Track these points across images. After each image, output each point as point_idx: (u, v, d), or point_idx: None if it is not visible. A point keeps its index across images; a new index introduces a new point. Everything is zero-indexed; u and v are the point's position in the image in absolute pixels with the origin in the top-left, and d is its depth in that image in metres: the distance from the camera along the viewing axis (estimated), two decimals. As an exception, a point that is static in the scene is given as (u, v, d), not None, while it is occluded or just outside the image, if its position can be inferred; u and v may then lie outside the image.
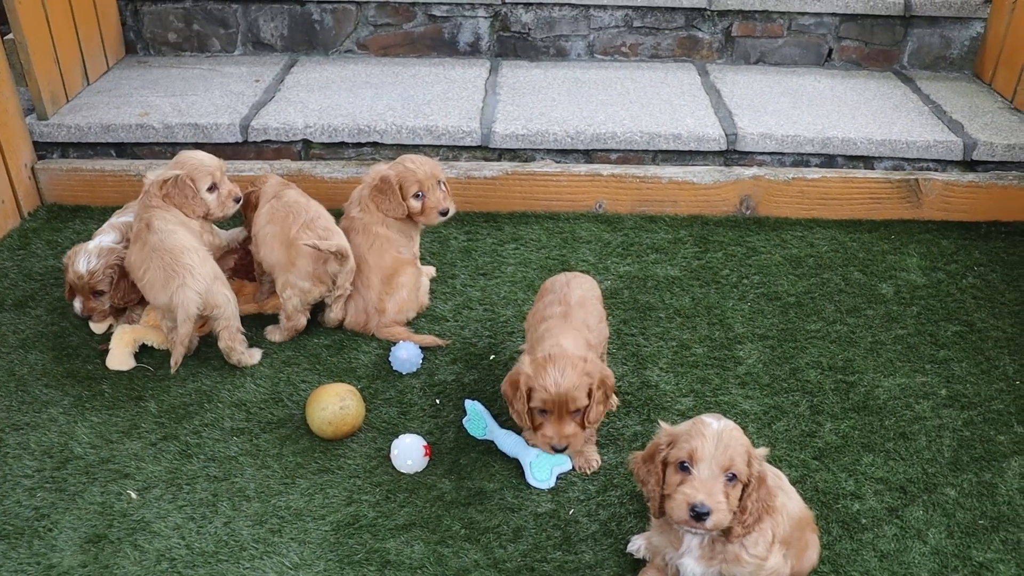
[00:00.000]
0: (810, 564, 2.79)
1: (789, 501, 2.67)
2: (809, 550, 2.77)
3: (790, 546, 2.65)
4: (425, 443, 3.25)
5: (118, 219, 4.01)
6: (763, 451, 2.54)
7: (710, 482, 2.41)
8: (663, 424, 2.60)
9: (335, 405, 3.32)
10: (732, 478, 2.43)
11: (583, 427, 3.06)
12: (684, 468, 2.45)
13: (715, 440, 2.42)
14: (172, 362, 3.57)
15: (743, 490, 2.45)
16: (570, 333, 3.15)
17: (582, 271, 4.25)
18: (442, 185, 3.93)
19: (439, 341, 3.83)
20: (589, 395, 3.00)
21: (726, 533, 2.49)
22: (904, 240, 4.69)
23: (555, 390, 2.95)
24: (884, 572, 2.90)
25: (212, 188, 3.81)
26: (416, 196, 3.86)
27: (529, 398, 3.01)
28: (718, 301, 4.17)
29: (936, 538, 3.03)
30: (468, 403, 3.42)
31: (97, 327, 3.88)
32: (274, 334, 3.88)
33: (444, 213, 3.90)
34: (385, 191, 3.84)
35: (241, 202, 3.92)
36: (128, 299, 3.84)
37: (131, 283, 3.80)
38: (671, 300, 4.16)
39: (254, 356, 3.74)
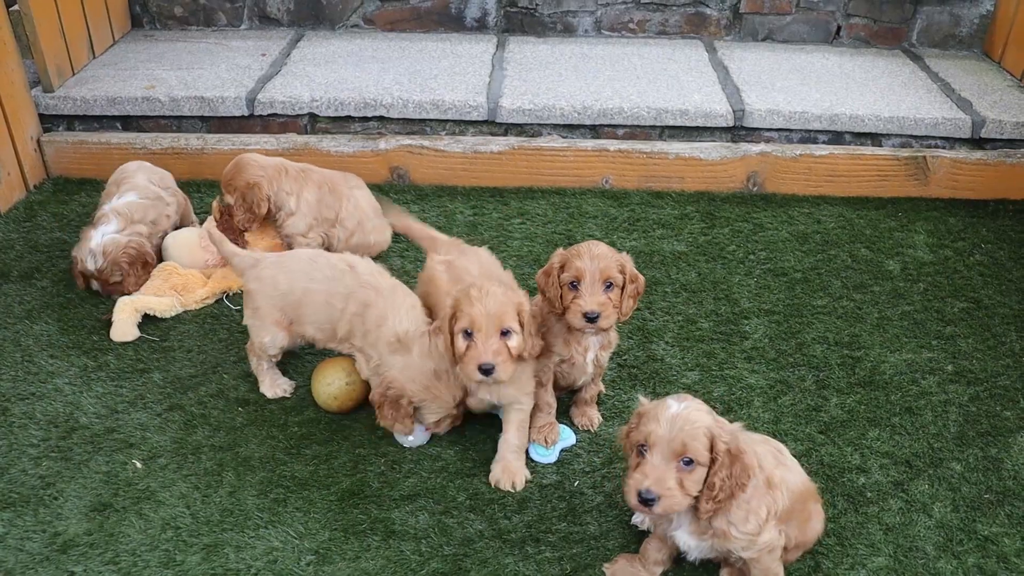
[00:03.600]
0: (814, 535, 2.79)
1: (789, 474, 2.66)
2: (812, 521, 2.76)
3: (791, 518, 2.65)
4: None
5: (118, 201, 4.00)
6: (735, 426, 2.52)
7: (660, 468, 2.42)
8: (642, 399, 2.59)
9: (341, 380, 3.31)
10: (689, 462, 2.42)
11: (617, 306, 3.03)
12: (641, 452, 2.46)
13: (669, 425, 2.42)
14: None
15: (709, 471, 2.44)
16: None
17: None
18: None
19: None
20: (623, 273, 3.02)
21: (696, 511, 2.50)
22: (911, 217, 4.67)
23: (589, 256, 2.98)
24: (889, 545, 2.90)
25: None
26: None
27: (561, 273, 3.02)
28: (724, 276, 4.16)
29: (941, 512, 3.03)
30: None
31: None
32: None
33: None
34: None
35: None
36: (143, 283, 3.89)
37: (144, 267, 3.86)
38: (677, 275, 4.15)
39: None
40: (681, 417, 2.42)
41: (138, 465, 3.12)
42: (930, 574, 2.82)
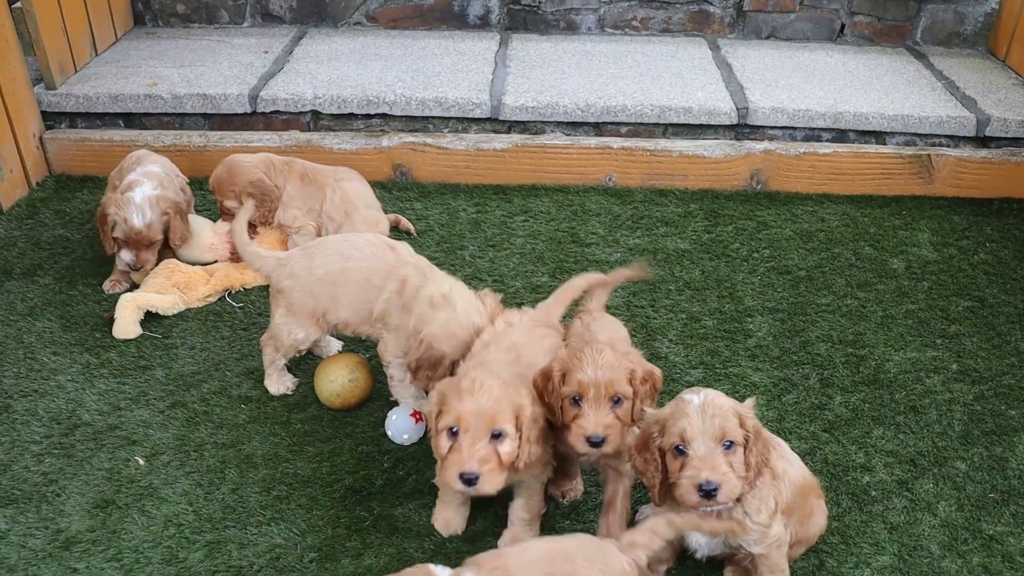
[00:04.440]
0: (817, 530, 2.78)
1: (790, 467, 2.65)
2: (815, 515, 2.76)
3: (793, 514, 2.64)
4: (413, 410, 3.22)
5: (144, 169, 3.99)
6: (750, 401, 2.54)
7: (710, 458, 2.40)
8: (647, 410, 2.59)
9: (344, 377, 3.30)
10: (730, 445, 2.42)
11: (627, 423, 2.69)
12: (680, 451, 2.44)
13: (700, 414, 2.41)
14: None
15: (744, 451, 2.44)
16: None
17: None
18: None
19: None
20: (631, 383, 2.66)
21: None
22: (915, 216, 4.66)
23: (593, 366, 2.61)
24: (894, 544, 2.89)
25: None
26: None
27: (562, 384, 2.68)
28: (728, 274, 4.15)
29: (946, 511, 3.02)
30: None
31: (138, 276, 3.92)
32: None
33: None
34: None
35: None
36: (185, 239, 3.95)
37: (184, 220, 3.91)
38: (681, 273, 4.14)
39: None
40: (709, 404, 2.43)
41: (141, 462, 3.12)
42: (935, 573, 2.81)
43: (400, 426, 3.18)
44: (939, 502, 3.05)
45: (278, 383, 3.45)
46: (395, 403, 3.29)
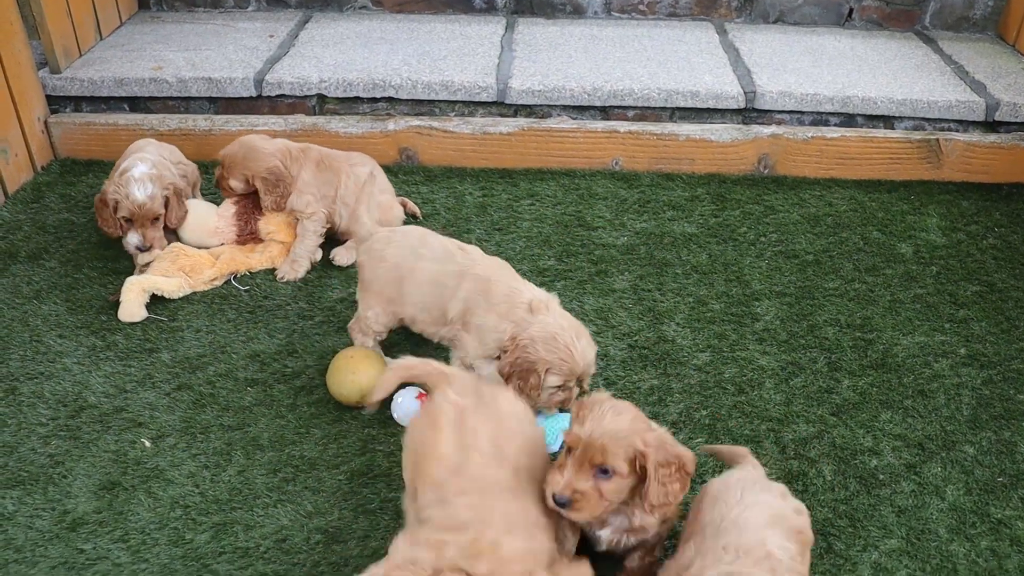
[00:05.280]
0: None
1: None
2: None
3: None
4: (419, 392, 3.19)
5: (142, 154, 3.99)
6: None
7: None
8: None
9: (371, 374, 3.20)
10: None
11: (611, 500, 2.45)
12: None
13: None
14: None
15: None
16: None
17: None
18: None
19: None
20: (632, 463, 2.40)
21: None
22: (924, 200, 4.63)
23: (592, 421, 2.41)
24: (902, 527, 2.88)
25: None
26: None
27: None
28: (735, 258, 4.13)
29: (954, 495, 3.01)
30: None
31: (146, 257, 3.91)
32: None
33: None
34: None
35: None
36: (182, 221, 3.97)
37: (180, 203, 3.93)
38: (688, 257, 4.12)
39: None
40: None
41: (147, 444, 3.11)
42: (943, 556, 2.80)
43: (407, 408, 3.17)
44: (947, 486, 3.04)
45: None
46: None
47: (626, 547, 2.63)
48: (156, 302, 3.75)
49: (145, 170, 3.87)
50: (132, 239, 3.85)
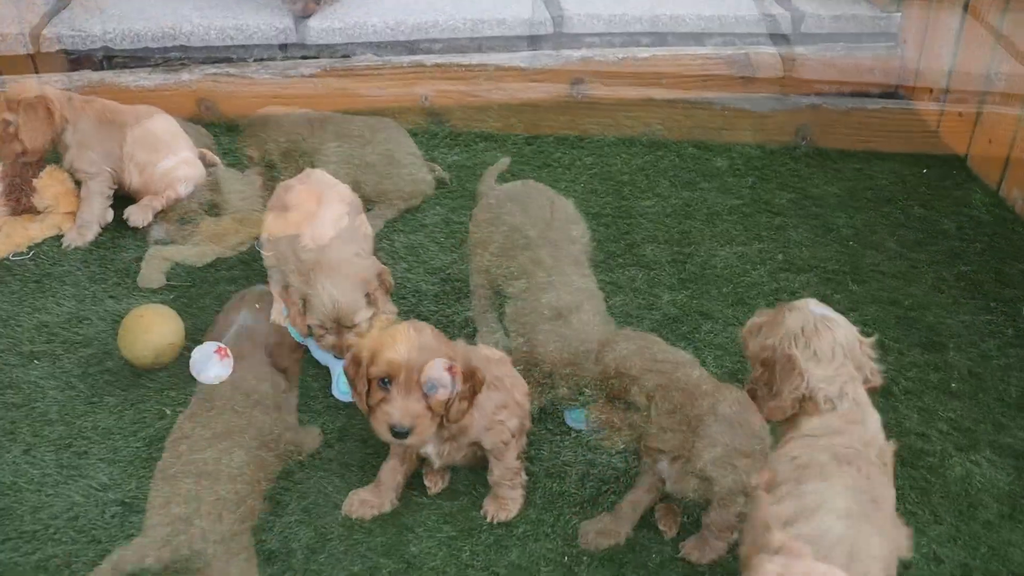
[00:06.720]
0: None
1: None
2: None
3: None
4: (218, 346, 2.94)
5: None
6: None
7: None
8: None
9: (169, 337, 3.06)
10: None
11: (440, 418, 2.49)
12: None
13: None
14: None
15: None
16: None
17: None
18: None
19: None
20: (453, 373, 2.44)
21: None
22: (738, 115, 4.66)
23: (407, 346, 2.40)
24: (951, 513, 2.78)
25: None
26: None
27: (370, 365, 2.51)
28: (551, 183, 4.01)
29: (1005, 480, 2.89)
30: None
31: None
32: None
33: None
34: None
35: None
36: None
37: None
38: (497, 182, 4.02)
39: None
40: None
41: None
42: (990, 545, 2.69)
43: (203, 366, 2.93)
44: (998, 472, 2.91)
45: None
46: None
47: (455, 458, 2.66)
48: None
49: None
50: None
